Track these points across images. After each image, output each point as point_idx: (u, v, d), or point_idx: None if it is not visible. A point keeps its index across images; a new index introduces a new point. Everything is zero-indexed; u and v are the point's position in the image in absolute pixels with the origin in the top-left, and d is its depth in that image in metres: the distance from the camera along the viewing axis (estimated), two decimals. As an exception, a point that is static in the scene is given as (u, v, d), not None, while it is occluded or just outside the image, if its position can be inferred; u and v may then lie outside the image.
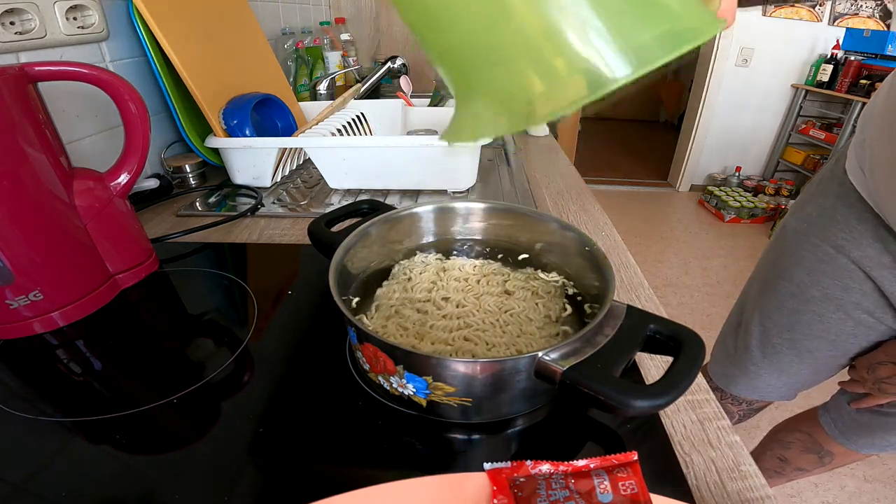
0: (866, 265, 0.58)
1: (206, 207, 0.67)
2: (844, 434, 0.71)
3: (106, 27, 0.63)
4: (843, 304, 0.61)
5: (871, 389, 0.60)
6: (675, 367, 0.27)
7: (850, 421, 0.70)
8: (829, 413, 0.74)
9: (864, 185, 0.57)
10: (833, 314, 0.62)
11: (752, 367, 0.72)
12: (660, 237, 2.54)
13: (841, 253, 0.60)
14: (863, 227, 0.58)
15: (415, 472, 0.29)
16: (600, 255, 0.37)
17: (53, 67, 0.40)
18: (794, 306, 0.66)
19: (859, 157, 0.58)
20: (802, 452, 0.78)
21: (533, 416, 0.33)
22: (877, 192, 0.55)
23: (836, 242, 0.60)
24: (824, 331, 0.64)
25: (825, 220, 0.63)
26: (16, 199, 0.38)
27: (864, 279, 0.59)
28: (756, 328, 0.71)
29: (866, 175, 0.57)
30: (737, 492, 0.29)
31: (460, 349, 0.35)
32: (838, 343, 0.64)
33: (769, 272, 0.71)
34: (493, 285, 0.41)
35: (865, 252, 0.58)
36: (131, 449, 0.31)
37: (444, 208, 0.46)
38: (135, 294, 0.48)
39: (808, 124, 2.72)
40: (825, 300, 0.63)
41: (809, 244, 0.64)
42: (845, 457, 0.74)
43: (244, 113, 0.70)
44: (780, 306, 0.68)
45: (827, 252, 0.62)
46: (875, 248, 0.56)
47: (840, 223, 0.60)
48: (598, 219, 0.66)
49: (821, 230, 0.63)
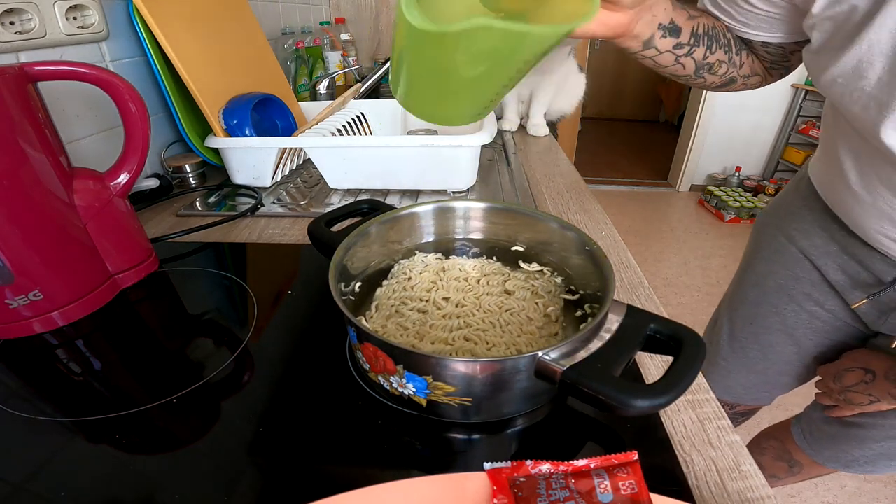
0: (812, 254, 0.59)
1: (206, 207, 0.67)
2: (811, 445, 0.71)
3: (106, 27, 0.63)
4: (794, 295, 0.62)
5: (837, 401, 0.60)
6: (675, 367, 0.27)
7: (817, 431, 0.70)
8: (800, 423, 0.74)
9: (816, 176, 0.59)
10: (786, 305, 0.63)
11: (721, 363, 0.73)
12: (660, 237, 2.53)
13: (792, 243, 0.61)
14: (812, 217, 0.58)
15: (415, 472, 0.29)
16: (600, 254, 0.37)
17: (53, 67, 0.40)
18: (755, 297, 0.67)
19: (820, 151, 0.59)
20: (775, 460, 0.79)
21: (533, 416, 0.33)
22: (820, 177, 0.57)
23: (790, 233, 0.62)
24: (781, 323, 0.64)
25: (784, 211, 0.64)
26: (16, 198, 0.38)
27: (811, 269, 0.60)
28: (726, 322, 0.72)
29: (816, 162, 0.58)
30: (737, 491, 0.29)
31: (460, 349, 0.35)
32: (797, 338, 0.64)
33: (741, 266, 0.73)
34: (493, 285, 0.41)
35: (813, 241, 0.58)
36: (131, 449, 0.31)
37: (444, 208, 0.46)
38: (134, 294, 0.48)
39: (808, 124, 2.72)
40: (779, 291, 0.64)
41: (768, 235, 0.66)
42: (812, 468, 0.74)
43: (244, 113, 0.70)
44: (745, 299, 0.69)
45: (781, 242, 0.63)
46: (822, 237, 0.57)
47: (795, 213, 0.62)
48: (598, 219, 0.66)
49: (779, 221, 0.64)
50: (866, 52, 0.34)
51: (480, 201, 0.46)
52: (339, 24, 1.40)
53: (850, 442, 0.64)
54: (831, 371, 0.60)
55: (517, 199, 0.71)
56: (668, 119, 4.59)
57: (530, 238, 0.45)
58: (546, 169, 0.85)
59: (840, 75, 0.37)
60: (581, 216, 0.66)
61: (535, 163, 0.89)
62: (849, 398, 0.58)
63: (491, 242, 0.47)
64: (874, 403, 0.56)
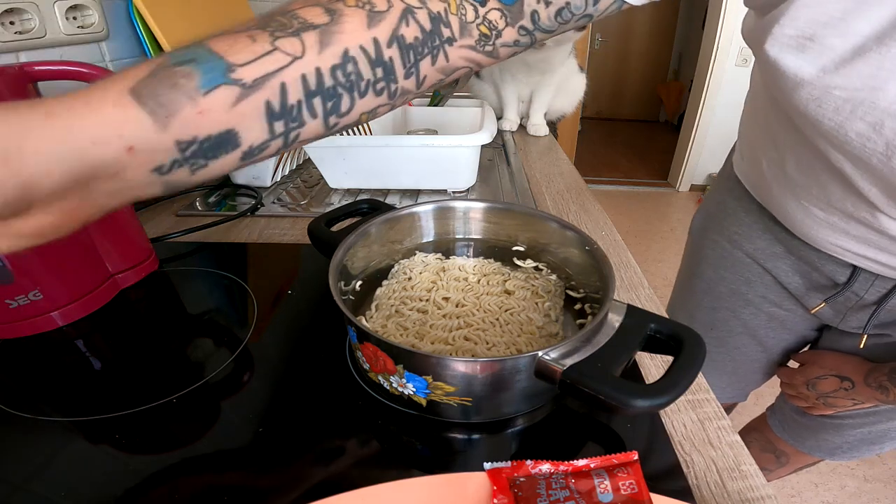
0: (759, 258, 0.57)
1: (206, 207, 0.67)
2: (792, 436, 0.70)
3: (106, 27, 0.63)
4: (750, 298, 0.60)
5: (815, 404, 0.59)
6: (675, 367, 0.27)
7: (793, 423, 0.69)
8: (775, 415, 0.73)
9: (744, 173, 0.56)
10: (744, 309, 0.62)
11: None
12: (660, 237, 2.53)
13: (736, 247, 0.59)
14: (751, 220, 0.56)
15: (415, 472, 0.29)
16: (600, 254, 0.37)
17: (53, 67, 0.40)
18: (710, 303, 0.65)
19: (740, 147, 0.57)
20: (761, 452, 0.78)
21: (533, 416, 0.33)
22: (755, 181, 0.54)
23: (732, 237, 0.59)
24: (742, 326, 0.63)
25: (720, 214, 0.62)
26: (15, 198, 0.38)
27: (762, 272, 0.58)
28: None
29: (744, 161, 0.56)
30: (737, 491, 0.29)
31: (460, 349, 0.35)
32: (759, 338, 0.63)
33: (685, 271, 0.71)
34: (493, 285, 0.41)
35: (756, 245, 0.57)
36: (131, 449, 0.31)
37: (444, 208, 0.46)
38: (134, 294, 0.48)
39: (808, 124, 2.71)
40: (733, 296, 0.62)
41: (709, 240, 0.63)
42: (799, 458, 0.73)
43: (244, 113, 0.70)
44: (698, 305, 0.67)
45: (724, 247, 0.61)
46: (764, 239, 0.55)
47: (731, 217, 0.59)
48: (598, 218, 0.65)
49: (717, 225, 0.62)
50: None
51: (480, 201, 0.46)
52: (339, 24, 1.40)
53: (829, 431, 0.63)
54: (801, 379, 0.59)
55: (517, 199, 0.71)
56: (668, 119, 4.59)
57: (530, 238, 0.45)
58: (546, 169, 0.85)
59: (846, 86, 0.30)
60: (581, 216, 0.66)
61: (535, 163, 0.89)
62: (829, 402, 0.57)
63: (491, 242, 0.47)
64: (858, 405, 0.55)
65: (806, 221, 0.47)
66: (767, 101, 0.47)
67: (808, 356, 0.60)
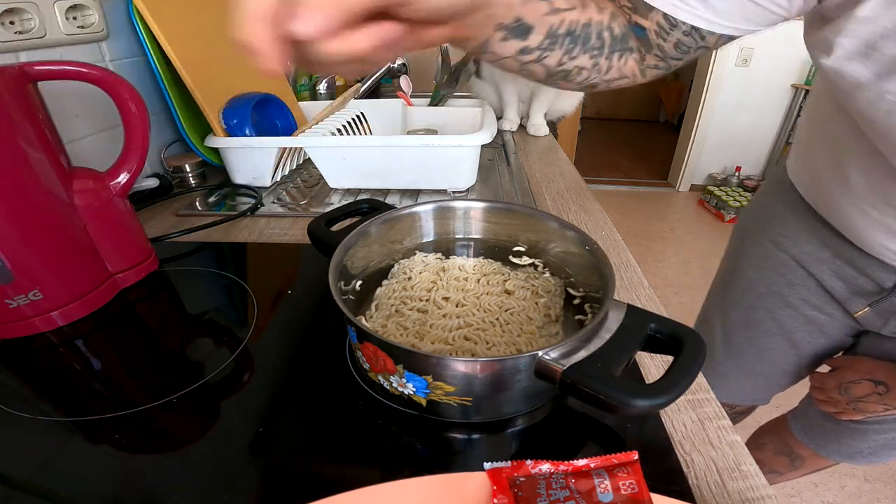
0: (805, 261, 0.57)
1: (206, 207, 0.67)
2: (813, 439, 0.70)
3: (106, 27, 0.62)
4: (790, 300, 0.61)
5: (844, 409, 0.59)
6: (675, 367, 0.27)
7: (817, 427, 0.69)
8: (797, 418, 0.73)
9: (799, 179, 0.57)
10: (783, 310, 0.62)
11: (719, 368, 0.72)
12: (660, 237, 2.54)
13: (780, 249, 0.60)
14: (798, 223, 0.57)
15: (415, 472, 0.29)
16: (600, 254, 0.37)
17: (53, 67, 0.40)
18: (748, 303, 0.66)
19: (796, 151, 0.58)
20: (775, 455, 0.78)
21: (533, 416, 0.33)
22: (809, 183, 0.55)
23: (777, 239, 0.60)
24: (778, 327, 0.63)
25: (766, 216, 0.63)
26: (15, 198, 0.38)
27: (805, 276, 0.58)
28: (718, 327, 0.71)
29: (801, 167, 0.56)
30: (737, 491, 0.29)
31: (460, 348, 0.35)
32: (794, 341, 0.63)
33: (725, 270, 0.72)
34: (492, 284, 0.41)
35: (803, 248, 0.57)
36: (131, 449, 0.31)
37: (444, 207, 0.46)
38: (134, 293, 0.48)
39: (808, 124, 2.72)
40: (773, 297, 0.62)
41: (753, 241, 0.64)
42: (815, 461, 0.73)
43: (244, 112, 0.70)
44: (735, 304, 0.68)
45: (768, 248, 0.61)
46: (812, 243, 0.56)
47: (778, 219, 0.60)
48: (598, 218, 0.65)
49: (762, 227, 0.63)
50: None
51: (480, 201, 0.46)
52: (339, 24, 1.40)
53: (853, 435, 0.63)
54: (832, 384, 0.59)
55: (517, 199, 0.71)
56: (668, 119, 4.59)
57: (530, 238, 0.45)
58: (546, 169, 0.85)
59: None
60: (581, 216, 0.66)
61: (535, 163, 0.88)
62: (860, 408, 0.57)
63: (491, 242, 0.47)
64: (889, 410, 0.55)
65: (861, 223, 0.48)
66: (830, 107, 0.48)
67: (843, 361, 0.60)
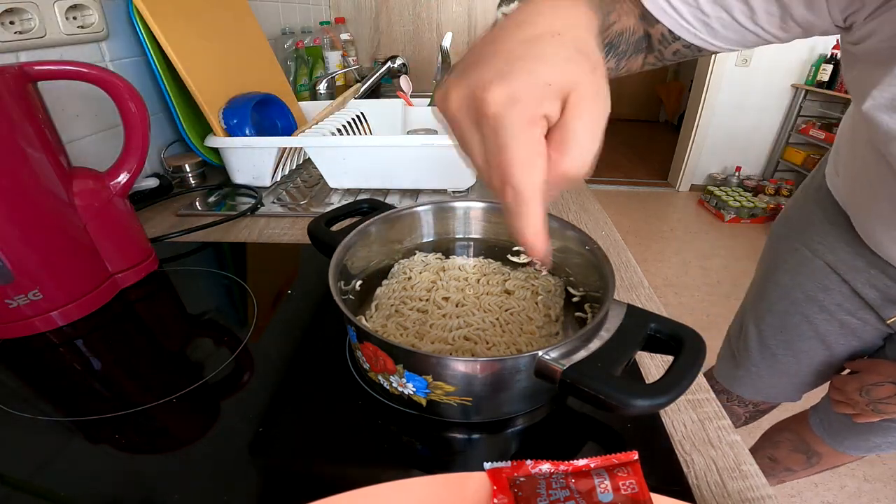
0: (840, 268, 0.58)
1: (206, 207, 0.67)
2: (832, 436, 0.71)
3: (106, 27, 0.62)
4: (826, 305, 0.62)
5: (863, 411, 0.60)
6: (675, 366, 0.27)
7: (837, 423, 0.70)
8: (818, 414, 0.74)
9: (837, 188, 0.58)
10: (818, 315, 0.63)
11: (753, 369, 0.73)
12: (660, 237, 2.53)
13: (817, 256, 0.61)
14: (836, 232, 0.58)
15: (415, 472, 0.29)
16: (600, 254, 0.37)
17: (53, 66, 0.40)
18: (783, 308, 0.67)
19: (835, 160, 0.59)
20: (791, 452, 0.79)
21: (533, 416, 0.33)
22: (845, 195, 0.56)
23: (813, 246, 0.61)
24: (813, 331, 0.65)
25: (803, 223, 0.64)
26: (15, 198, 0.38)
27: (840, 282, 0.59)
28: (753, 330, 0.72)
29: (839, 177, 0.57)
30: (737, 491, 0.29)
31: (460, 348, 0.35)
32: (829, 343, 0.64)
33: (760, 275, 0.73)
34: (492, 284, 0.41)
35: (839, 256, 0.58)
36: (131, 449, 0.31)
37: (444, 207, 0.46)
38: (134, 293, 0.48)
39: (809, 124, 2.71)
40: (809, 302, 0.63)
41: (790, 247, 0.65)
42: (832, 458, 0.74)
43: (244, 112, 0.70)
44: (770, 308, 0.69)
45: (805, 255, 0.63)
46: (847, 251, 0.57)
47: (816, 227, 0.61)
48: (598, 218, 0.65)
49: (799, 234, 0.64)
50: None
51: (480, 201, 0.46)
52: (339, 24, 1.40)
53: (874, 430, 0.65)
54: (854, 386, 0.60)
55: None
56: (668, 119, 4.59)
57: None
58: (546, 169, 0.85)
59: None
60: (581, 216, 0.66)
61: (535, 163, 0.88)
62: (880, 409, 0.58)
63: (491, 242, 0.47)
64: None
65: (893, 247, 0.49)
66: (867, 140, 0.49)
67: (864, 364, 0.61)
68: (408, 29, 1.80)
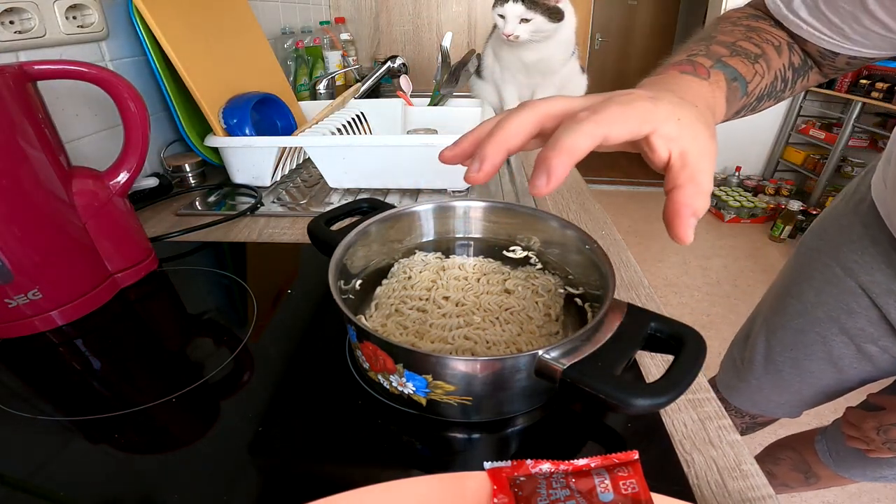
0: (874, 291, 0.55)
1: (206, 206, 0.67)
2: (837, 462, 0.69)
3: (105, 26, 0.62)
4: (847, 328, 0.59)
5: (878, 448, 0.58)
6: (675, 366, 0.27)
7: (844, 451, 0.68)
8: (825, 439, 0.72)
9: (883, 202, 0.53)
10: (836, 337, 0.60)
11: (753, 381, 0.71)
12: (660, 237, 2.53)
13: (849, 276, 0.57)
14: (876, 251, 0.54)
15: (415, 472, 0.29)
16: (600, 253, 0.37)
17: (53, 66, 0.40)
18: (800, 326, 0.64)
19: (884, 172, 0.53)
20: (790, 470, 0.77)
21: (533, 415, 0.33)
22: (891, 208, 0.51)
23: (847, 264, 0.57)
24: (827, 353, 0.62)
25: (840, 238, 0.59)
26: (15, 197, 0.38)
27: (869, 305, 0.56)
28: (762, 343, 0.70)
29: (888, 189, 0.52)
30: (738, 491, 0.29)
31: (460, 347, 0.35)
32: (841, 367, 0.62)
33: (782, 287, 0.69)
34: (492, 284, 0.41)
35: (874, 277, 0.54)
36: (131, 449, 0.31)
37: (444, 207, 0.46)
38: (134, 293, 0.47)
39: (809, 124, 2.72)
40: (829, 322, 0.60)
41: (820, 263, 0.61)
42: (831, 480, 0.72)
43: (244, 112, 0.70)
44: (786, 324, 0.66)
45: (836, 273, 0.59)
46: (886, 273, 0.53)
47: (854, 244, 0.57)
48: (599, 218, 0.65)
49: (834, 249, 0.60)
50: None
51: (480, 200, 0.46)
52: (339, 24, 1.40)
53: (886, 463, 0.62)
54: (871, 423, 0.58)
55: (517, 199, 0.71)
56: (668, 119, 4.59)
57: (530, 237, 0.45)
58: (546, 168, 0.85)
59: None
60: (581, 216, 0.66)
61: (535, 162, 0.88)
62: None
63: (491, 241, 0.47)
64: None
65: None
66: None
67: (887, 401, 0.59)
68: (408, 29, 1.80)
